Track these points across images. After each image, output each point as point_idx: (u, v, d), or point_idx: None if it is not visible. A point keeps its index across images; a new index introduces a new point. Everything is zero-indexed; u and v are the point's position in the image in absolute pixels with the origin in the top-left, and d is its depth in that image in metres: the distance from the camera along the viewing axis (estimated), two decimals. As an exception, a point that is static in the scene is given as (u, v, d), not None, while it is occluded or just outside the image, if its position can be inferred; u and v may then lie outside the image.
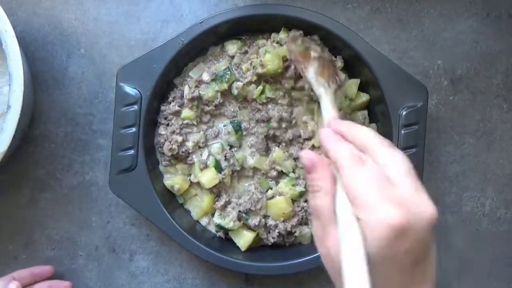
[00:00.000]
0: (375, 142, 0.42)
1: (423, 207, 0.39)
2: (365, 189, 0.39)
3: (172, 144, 0.62)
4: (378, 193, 0.38)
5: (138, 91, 0.60)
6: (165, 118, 0.64)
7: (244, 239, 0.63)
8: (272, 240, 0.63)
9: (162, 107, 0.64)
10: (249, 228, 0.64)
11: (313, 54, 0.57)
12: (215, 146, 0.64)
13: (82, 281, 0.67)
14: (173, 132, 0.63)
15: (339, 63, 0.64)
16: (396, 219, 0.37)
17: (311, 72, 0.56)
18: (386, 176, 0.39)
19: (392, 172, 0.39)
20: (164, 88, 0.64)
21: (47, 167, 0.67)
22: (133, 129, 0.60)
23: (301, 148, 0.64)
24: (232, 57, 0.64)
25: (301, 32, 0.61)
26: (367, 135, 0.43)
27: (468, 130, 0.69)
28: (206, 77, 0.63)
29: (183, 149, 0.63)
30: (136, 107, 0.60)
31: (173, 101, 0.64)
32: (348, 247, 0.38)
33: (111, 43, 0.68)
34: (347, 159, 0.41)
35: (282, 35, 0.63)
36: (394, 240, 0.37)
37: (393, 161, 0.40)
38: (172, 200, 0.65)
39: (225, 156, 0.63)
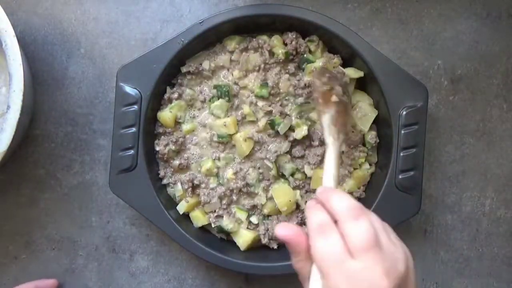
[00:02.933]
0: (344, 213, 0.44)
1: (373, 282, 0.41)
2: (322, 260, 0.43)
3: (176, 159, 0.63)
4: (333, 265, 0.42)
5: (138, 91, 0.60)
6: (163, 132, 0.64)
7: (243, 238, 0.63)
8: (275, 246, 0.64)
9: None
10: (250, 228, 0.64)
11: (334, 98, 0.56)
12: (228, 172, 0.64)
13: (82, 281, 0.67)
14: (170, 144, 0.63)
15: (336, 60, 0.64)
16: None
17: (327, 119, 0.56)
18: (347, 247, 0.42)
19: (353, 244, 0.42)
20: (164, 88, 0.64)
21: (47, 167, 0.67)
22: (133, 129, 0.60)
23: (304, 150, 0.64)
24: (232, 52, 0.64)
25: (328, 70, 0.60)
26: (339, 205, 0.45)
27: (468, 130, 0.69)
28: (206, 65, 0.63)
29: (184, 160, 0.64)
30: (136, 107, 0.60)
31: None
32: None
33: (111, 43, 0.68)
34: (313, 229, 0.44)
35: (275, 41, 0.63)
36: None
37: (356, 233, 0.43)
38: (172, 200, 0.65)
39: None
